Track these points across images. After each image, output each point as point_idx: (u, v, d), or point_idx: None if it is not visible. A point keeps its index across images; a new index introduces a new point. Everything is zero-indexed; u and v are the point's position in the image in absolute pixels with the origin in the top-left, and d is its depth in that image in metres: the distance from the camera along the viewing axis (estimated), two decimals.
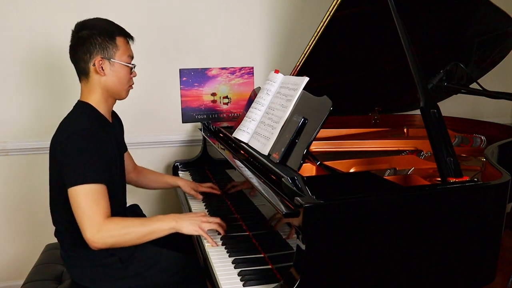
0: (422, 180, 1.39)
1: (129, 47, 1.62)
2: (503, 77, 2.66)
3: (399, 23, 1.44)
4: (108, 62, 1.54)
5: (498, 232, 1.19)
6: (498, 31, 2.04)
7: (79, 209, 1.38)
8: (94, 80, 1.56)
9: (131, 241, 1.43)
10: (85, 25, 1.54)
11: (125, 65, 1.57)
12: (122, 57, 1.56)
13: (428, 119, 1.29)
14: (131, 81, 1.64)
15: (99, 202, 1.40)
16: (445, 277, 1.16)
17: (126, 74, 1.59)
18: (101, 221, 1.38)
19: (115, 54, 1.55)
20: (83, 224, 1.38)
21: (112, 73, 1.56)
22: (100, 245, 1.39)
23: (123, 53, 1.57)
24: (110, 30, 1.55)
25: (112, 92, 1.59)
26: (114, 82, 1.57)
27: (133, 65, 1.61)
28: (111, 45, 1.54)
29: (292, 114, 1.48)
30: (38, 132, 2.36)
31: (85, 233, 1.38)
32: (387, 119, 2.44)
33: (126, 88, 1.62)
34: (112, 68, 1.55)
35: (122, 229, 1.41)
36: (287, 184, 1.16)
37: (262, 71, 2.62)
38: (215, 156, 2.20)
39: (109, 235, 1.39)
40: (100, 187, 1.42)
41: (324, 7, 1.79)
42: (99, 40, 1.52)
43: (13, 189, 2.39)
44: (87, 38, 1.52)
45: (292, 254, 1.08)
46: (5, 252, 2.43)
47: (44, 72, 2.34)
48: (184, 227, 1.45)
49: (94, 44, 1.52)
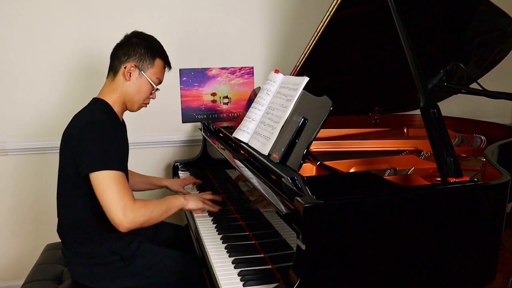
0: (422, 180, 1.39)
1: (163, 73, 1.74)
2: (503, 77, 2.66)
3: (399, 23, 1.44)
4: (138, 72, 1.65)
5: (498, 232, 1.19)
6: (498, 31, 2.04)
7: (109, 193, 1.44)
8: (119, 81, 1.65)
9: (155, 218, 1.53)
10: (140, 35, 1.69)
11: (150, 82, 1.67)
12: (152, 75, 1.67)
13: (428, 119, 1.29)
14: (148, 100, 1.73)
15: (126, 186, 1.49)
16: (446, 277, 1.16)
17: (147, 91, 1.69)
18: (132, 202, 1.46)
19: (148, 69, 1.66)
20: (113, 206, 1.43)
21: (136, 83, 1.65)
22: (132, 225, 1.45)
23: (155, 73, 1.68)
24: (156, 50, 1.68)
25: (128, 99, 1.67)
26: (134, 92, 1.66)
27: (157, 87, 1.71)
28: (149, 61, 1.66)
29: (292, 114, 1.48)
30: (38, 132, 2.36)
31: (116, 215, 1.43)
32: (387, 119, 2.44)
33: (141, 103, 1.71)
34: (139, 79, 1.65)
35: (148, 208, 1.50)
36: (287, 184, 1.16)
37: (262, 71, 2.62)
38: (215, 156, 2.20)
39: (140, 214, 1.46)
40: (123, 174, 1.50)
41: (324, 7, 1.79)
42: (142, 51, 1.64)
43: (13, 189, 2.39)
44: (134, 44, 1.65)
45: (292, 254, 1.08)
46: (5, 252, 2.43)
47: (44, 72, 2.34)
48: (190, 203, 1.65)
49: (136, 51, 1.64)
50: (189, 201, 1.65)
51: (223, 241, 1.52)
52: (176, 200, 1.62)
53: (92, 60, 2.37)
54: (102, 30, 2.35)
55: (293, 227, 1.07)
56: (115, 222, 1.43)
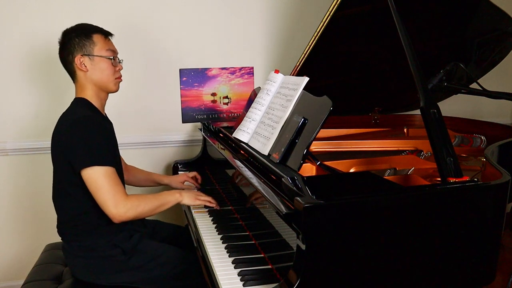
0: (422, 180, 1.39)
1: (108, 42, 1.71)
2: (503, 77, 2.66)
3: (399, 23, 1.44)
4: (88, 58, 1.64)
5: (498, 232, 1.19)
6: (498, 31, 2.04)
7: (102, 189, 1.50)
8: (81, 77, 1.66)
9: (148, 212, 1.59)
10: (65, 32, 1.68)
11: (104, 57, 1.66)
12: (100, 51, 1.66)
13: (428, 119, 1.29)
14: (117, 73, 1.72)
15: (118, 182, 1.55)
16: (445, 277, 1.16)
17: (108, 66, 1.67)
18: (124, 197, 1.53)
19: (93, 49, 1.65)
20: (106, 201, 1.50)
21: (94, 67, 1.65)
22: (124, 217, 1.53)
23: (101, 47, 1.66)
24: (86, 29, 1.67)
25: (99, 85, 1.68)
26: (98, 76, 1.66)
27: (112, 57, 1.68)
28: (88, 42, 1.64)
29: (292, 114, 1.48)
30: (38, 132, 2.36)
31: (110, 209, 1.50)
32: (387, 119, 2.44)
33: (112, 80, 1.70)
34: (93, 63, 1.65)
35: (142, 202, 1.57)
36: (287, 184, 1.16)
37: (262, 71, 2.62)
38: (215, 156, 2.20)
39: (133, 208, 1.53)
40: (113, 169, 1.55)
41: (324, 7, 1.79)
42: (77, 40, 1.64)
43: (13, 189, 2.39)
44: (67, 42, 1.65)
45: (292, 254, 1.08)
46: (5, 252, 2.43)
47: (44, 73, 2.34)
48: (185, 198, 1.68)
49: (73, 44, 1.64)
50: (184, 197, 1.68)
51: (223, 241, 1.52)
52: (171, 196, 1.66)
53: None
54: None
55: (293, 227, 1.06)
56: (108, 215, 1.52)
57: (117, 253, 1.60)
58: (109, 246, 1.60)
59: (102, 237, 1.60)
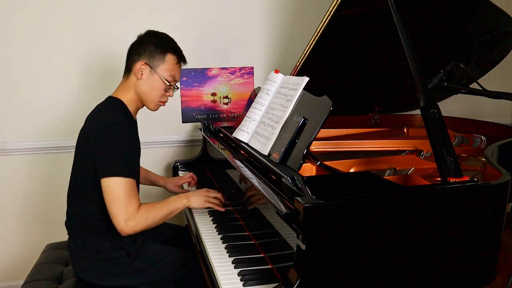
0: (422, 180, 1.39)
1: (177, 68, 1.70)
2: (503, 77, 2.66)
3: (399, 23, 1.44)
4: (149, 69, 1.63)
5: (498, 232, 1.19)
6: (498, 31, 2.04)
7: (118, 200, 1.47)
8: (131, 80, 1.66)
9: (156, 222, 1.56)
10: (151, 33, 1.68)
11: (162, 79, 1.65)
12: (164, 72, 1.65)
13: (428, 119, 1.29)
14: (164, 98, 1.71)
15: (135, 194, 1.52)
16: (445, 277, 1.16)
17: (160, 88, 1.66)
18: (136, 211, 1.49)
19: (159, 66, 1.64)
20: (118, 214, 1.47)
21: (148, 80, 1.64)
22: (131, 232, 1.50)
23: (166, 69, 1.65)
24: (166, 44, 1.66)
25: (142, 98, 1.68)
26: (146, 90, 1.65)
27: (170, 84, 1.67)
28: (159, 57, 1.64)
29: (292, 114, 1.48)
30: (38, 132, 2.36)
31: (120, 223, 1.47)
32: (387, 119, 2.44)
33: (156, 101, 1.69)
34: (150, 76, 1.64)
35: (150, 215, 1.53)
36: (287, 184, 1.16)
37: (262, 71, 2.62)
38: (215, 156, 2.20)
39: (141, 222, 1.50)
40: (134, 182, 1.51)
41: (324, 7, 1.79)
42: (151, 48, 1.63)
43: (13, 189, 2.39)
44: (144, 43, 1.65)
45: (292, 254, 1.08)
46: (5, 252, 2.43)
47: (44, 73, 2.34)
48: (193, 202, 1.65)
49: (146, 49, 1.63)
50: (192, 201, 1.65)
51: (223, 241, 1.52)
52: (178, 203, 1.62)
53: (92, 60, 2.37)
54: (101, 30, 2.35)
55: (293, 227, 1.07)
56: (118, 227, 1.48)
57: (121, 255, 1.59)
58: (114, 248, 1.59)
59: (108, 240, 1.59)
